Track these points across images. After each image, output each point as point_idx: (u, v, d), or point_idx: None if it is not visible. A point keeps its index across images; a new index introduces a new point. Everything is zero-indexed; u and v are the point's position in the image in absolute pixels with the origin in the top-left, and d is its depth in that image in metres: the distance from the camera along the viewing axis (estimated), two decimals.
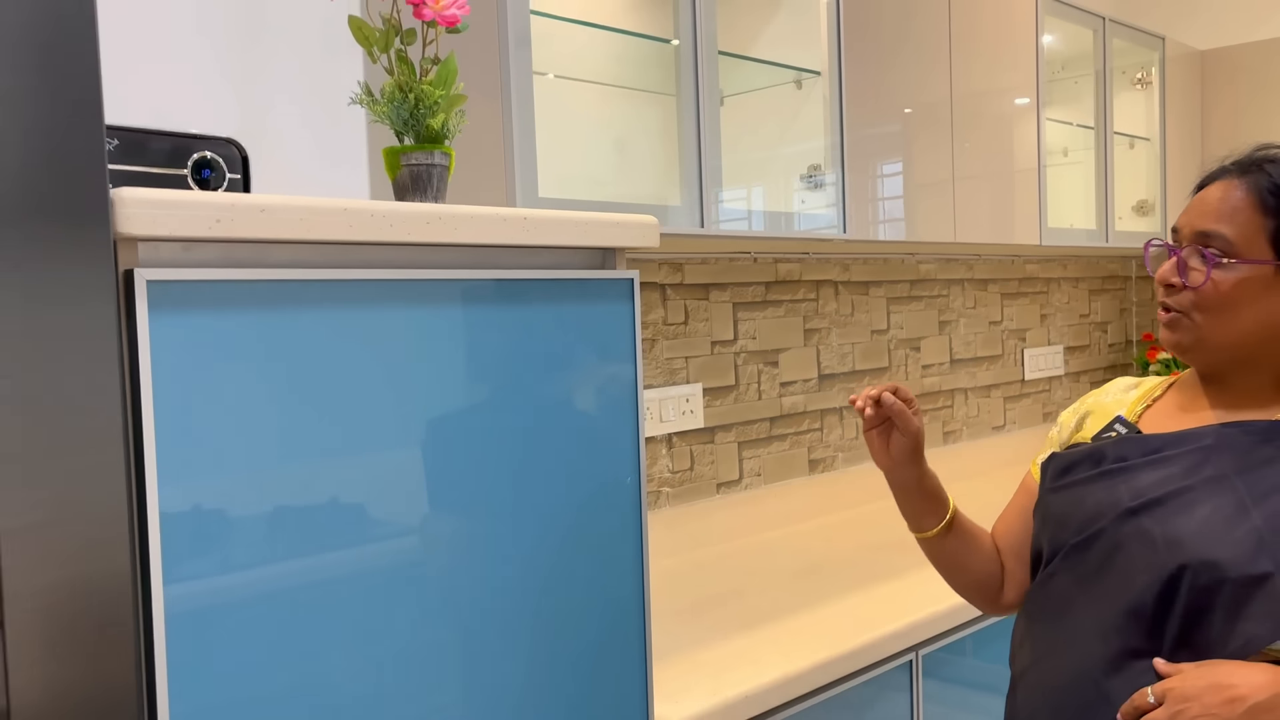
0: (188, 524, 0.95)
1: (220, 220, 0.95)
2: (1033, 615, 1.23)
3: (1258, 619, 1.05)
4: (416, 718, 1.11)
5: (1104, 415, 1.29)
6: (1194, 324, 1.15)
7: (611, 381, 1.31)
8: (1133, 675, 1.09)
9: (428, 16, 1.13)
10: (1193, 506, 1.11)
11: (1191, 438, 1.16)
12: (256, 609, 1.00)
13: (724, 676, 1.51)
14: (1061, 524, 1.20)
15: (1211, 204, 1.17)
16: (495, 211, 1.16)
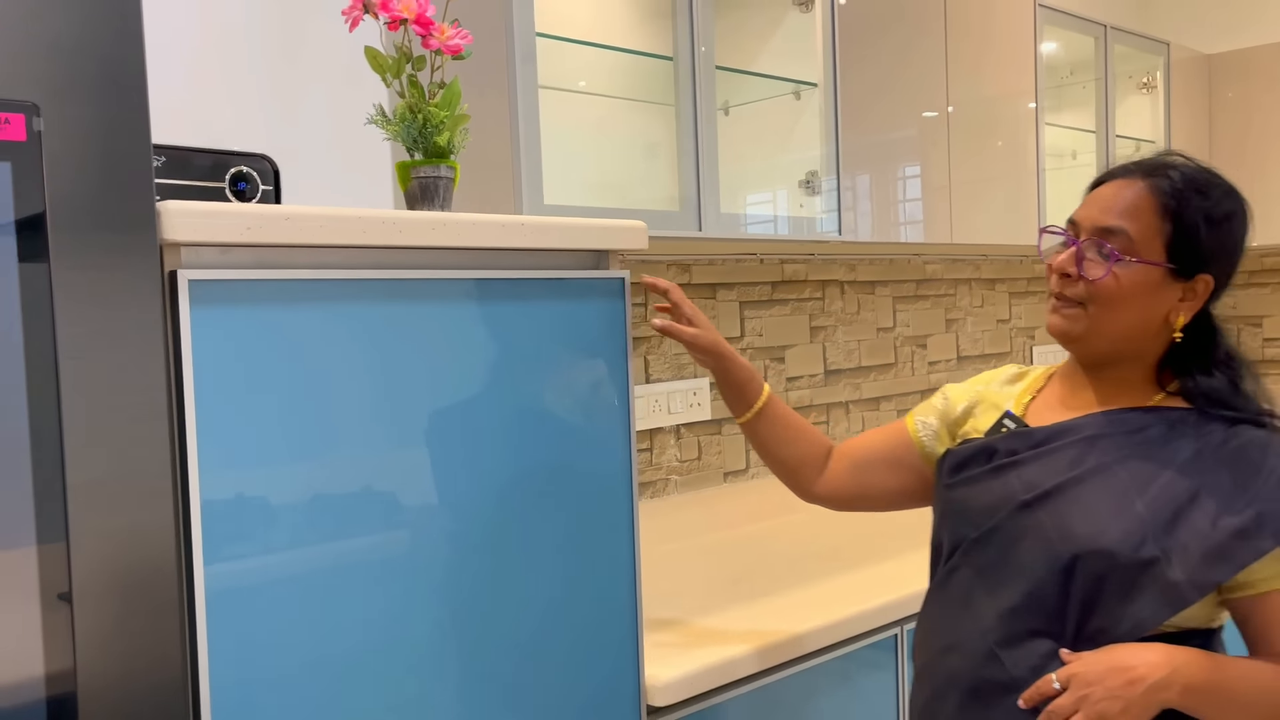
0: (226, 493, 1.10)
1: (251, 228, 1.10)
2: (937, 607, 1.32)
3: (1146, 601, 1.14)
4: (428, 683, 1.26)
5: (992, 407, 1.37)
6: (1086, 315, 1.22)
7: (604, 372, 1.45)
8: (1031, 650, 1.18)
9: (434, 46, 1.28)
10: (1081, 497, 1.20)
11: (1074, 429, 1.25)
12: (289, 588, 1.15)
13: (713, 644, 1.64)
14: (960, 518, 1.29)
15: (1115, 201, 1.23)
16: (495, 218, 1.30)
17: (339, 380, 1.19)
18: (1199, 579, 1.14)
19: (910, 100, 2.46)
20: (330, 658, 1.18)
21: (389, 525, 1.23)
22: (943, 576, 1.31)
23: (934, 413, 1.45)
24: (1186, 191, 1.24)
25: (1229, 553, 1.14)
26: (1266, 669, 1.16)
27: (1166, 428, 1.22)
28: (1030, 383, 1.39)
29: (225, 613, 1.10)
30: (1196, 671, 1.12)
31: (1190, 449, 1.20)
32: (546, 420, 1.38)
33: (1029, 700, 1.16)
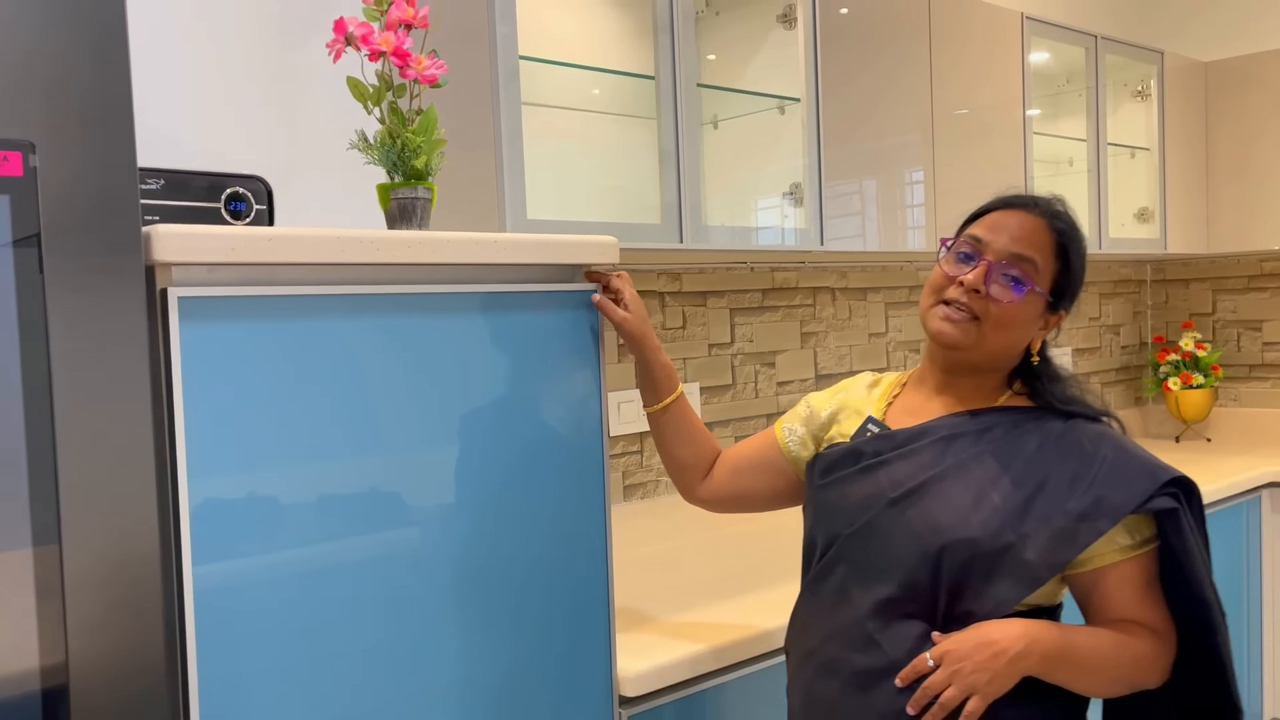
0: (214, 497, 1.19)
1: (235, 248, 1.19)
2: (814, 600, 1.41)
3: (1006, 583, 1.27)
4: (411, 679, 1.35)
5: (854, 414, 1.48)
6: (978, 329, 1.33)
7: (577, 378, 1.53)
8: (906, 634, 1.29)
9: (411, 76, 1.37)
10: (944, 492, 1.31)
11: (932, 430, 1.36)
12: (274, 589, 1.24)
13: (688, 638, 1.72)
14: (833, 517, 1.39)
15: (1026, 232, 1.34)
16: (469, 236, 1.39)
17: (323, 389, 1.28)
18: (1050, 559, 1.26)
19: (897, 112, 2.53)
20: (315, 655, 1.27)
21: (371, 528, 1.32)
22: (817, 572, 1.41)
23: (799, 420, 1.56)
24: (1072, 234, 1.37)
25: (1074, 534, 1.26)
26: (1104, 634, 1.29)
27: (1012, 425, 1.35)
28: (886, 388, 1.50)
29: (213, 611, 1.19)
30: (1049, 641, 1.24)
31: (1035, 442, 1.32)
32: (522, 425, 1.47)
33: (905, 679, 1.26)
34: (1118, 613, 1.31)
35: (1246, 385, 3.83)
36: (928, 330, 1.38)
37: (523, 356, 1.47)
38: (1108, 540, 1.29)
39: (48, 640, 1.00)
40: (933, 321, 1.36)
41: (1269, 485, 3.14)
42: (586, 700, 1.54)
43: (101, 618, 1.03)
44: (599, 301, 1.50)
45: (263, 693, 1.23)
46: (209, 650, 1.19)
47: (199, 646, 1.18)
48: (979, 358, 1.36)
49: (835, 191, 2.35)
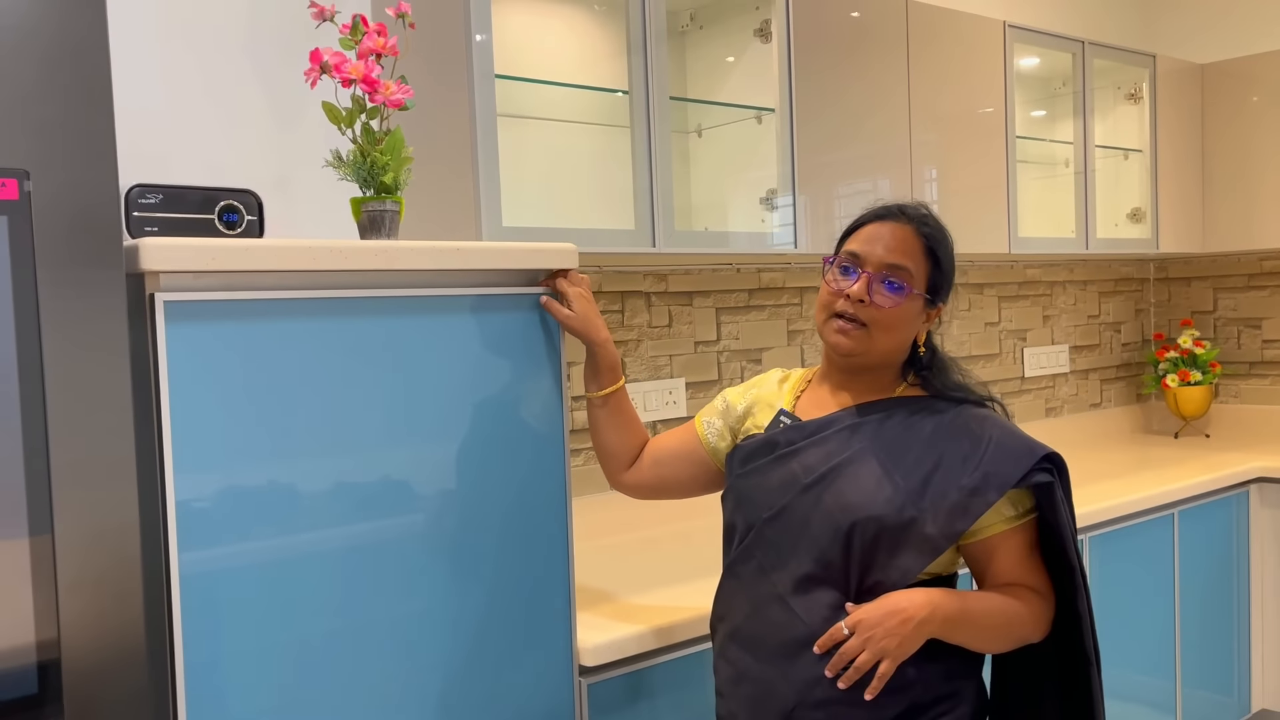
0: (198, 488, 1.35)
1: (215, 258, 1.35)
2: (735, 581, 1.54)
3: (910, 554, 1.41)
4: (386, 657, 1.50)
5: (767, 407, 1.61)
6: (868, 335, 1.47)
7: (538, 375, 1.67)
8: (823, 606, 1.42)
9: (379, 101, 1.51)
10: (853, 476, 1.45)
11: (838, 420, 1.50)
12: (255, 575, 1.39)
13: (649, 617, 1.85)
14: (752, 503, 1.53)
15: (898, 241, 1.48)
16: (431, 245, 1.53)
17: (301, 386, 1.43)
18: (947, 530, 1.41)
19: (874, 122, 2.63)
20: (292, 637, 1.42)
21: (344, 518, 1.47)
22: (738, 555, 1.54)
23: (717, 414, 1.70)
24: (938, 236, 1.51)
25: (966, 507, 1.41)
26: (995, 597, 1.44)
27: (909, 413, 1.49)
28: (795, 384, 1.64)
29: (197, 595, 1.35)
30: (949, 606, 1.39)
31: (929, 427, 1.47)
32: (488, 419, 1.61)
33: (823, 645, 1.40)
34: (1006, 577, 1.47)
35: (1246, 382, 3.88)
36: (826, 343, 1.52)
37: (488, 355, 1.61)
38: (995, 512, 1.44)
39: (42, 619, 1.15)
40: (829, 335, 1.50)
41: (1258, 480, 3.20)
42: (550, 670, 1.68)
43: (89, 599, 1.19)
44: (545, 303, 1.64)
45: (244, 670, 1.38)
46: (194, 630, 1.35)
47: (184, 627, 1.34)
48: (875, 358, 1.50)
49: (814, 198, 2.47)
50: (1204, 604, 3.06)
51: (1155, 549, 2.89)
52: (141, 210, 1.56)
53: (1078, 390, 3.83)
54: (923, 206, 1.53)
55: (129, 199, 1.54)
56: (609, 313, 2.53)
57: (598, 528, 2.49)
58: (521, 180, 2.19)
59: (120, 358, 1.18)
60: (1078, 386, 3.83)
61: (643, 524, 2.59)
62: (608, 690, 1.76)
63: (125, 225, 1.54)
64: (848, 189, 2.57)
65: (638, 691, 1.80)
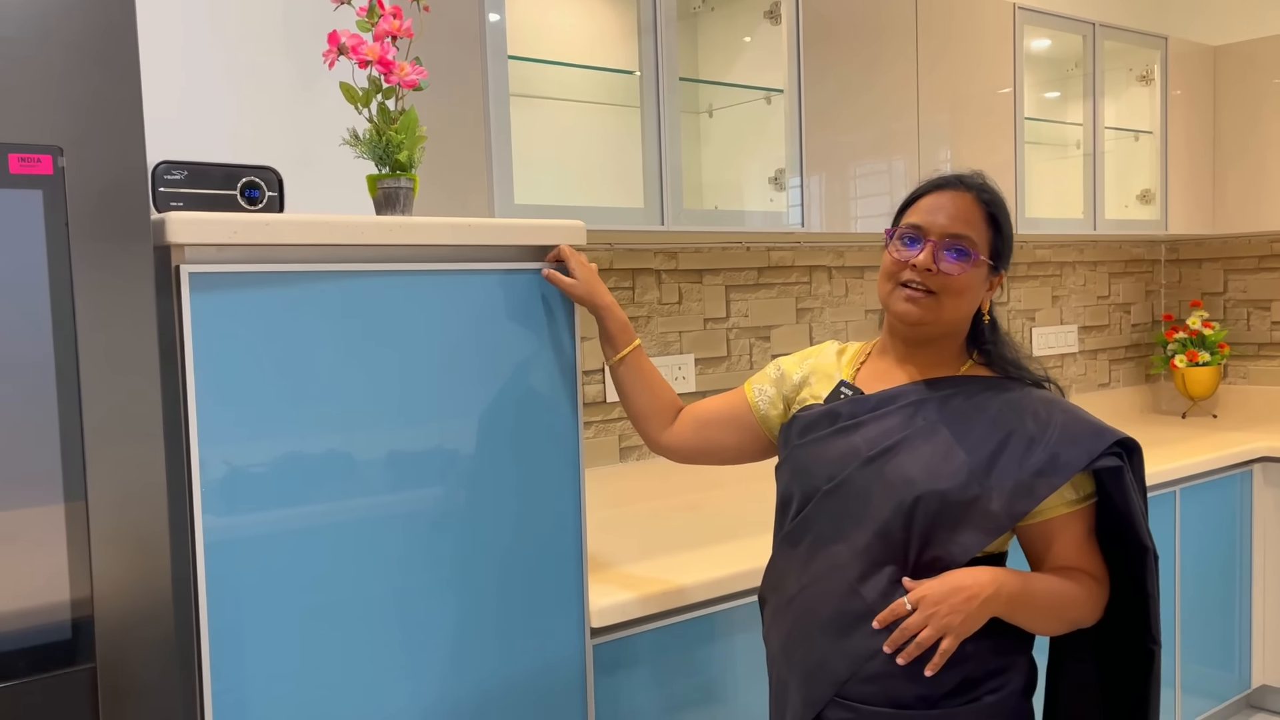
0: (223, 454, 1.42)
1: (236, 232, 1.41)
2: (791, 550, 1.54)
3: (971, 531, 1.42)
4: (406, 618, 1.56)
5: (826, 378, 1.61)
6: (938, 304, 1.46)
7: (551, 348, 1.72)
8: (881, 579, 1.44)
9: (394, 82, 1.57)
10: (916, 450, 1.45)
11: (903, 395, 1.50)
12: (273, 541, 1.45)
13: (659, 582, 1.92)
14: (811, 474, 1.52)
15: (959, 210, 1.47)
16: (445, 221, 1.59)
17: (319, 358, 1.49)
18: (1011, 510, 1.41)
19: (882, 103, 2.67)
20: (315, 602, 1.49)
21: (362, 489, 1.53)
22: (795, 526, 1.54)
23: (769, 381, 1.70)
24: (997, 202, 1.51)
25: (1032, 488, 1.41)
26: (1054, 579, 1.44)
27: (975, 390, 1.49)
28: (853, 356, 1.63)
29: (221, 560, 1.42)
30: (1013, 585, 1.40)
31: (995, 406, 1.47)
32: (501, 392, 1.67)
33: (884, 620, 1.41)
34: (1063, 560, 1.47)
35: (1255, 363, 3.90)
36: (892, 312, 1.51)
37: (501, 328, 1.66)
38: (1057, 495, 1.43)
39: (77, 579, 1.22)
40: (896, 304, 1.50)
41: (1262, 459, 3.23)
42: (561, 631, 1.75)
43: (119, 559, 1.26)
44: (548, 275, 1.68)
45: (265, 632, 1.45)
46: (218, 591, 1.42)
47: (208, 588, 1.41)
48: (942, 328, 1.49)
49: (822, 177, 2.51)
50: (1206, 581, 3.10)
51: (1159, 526, 2.94)
52: (167, 186, 1.63)
53: (1086, 370, 3.86)
54: (979, 175, 1.52)
55: (155, 175, 1.60)
56: (619, 289, 2.59)
57: (625, 494, 2.55)
58: (533, 159, 2.24)
59: (148, 327, 1.25)
60: (1086, 366, 3.86)
61: (654, 495, 2.65)
62: (615, 651, 1.82)
63: (152, 200, 1.61)
64: (857, 170, 2.61)
65: (647, 654, 1.86)
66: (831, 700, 1.45)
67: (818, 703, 1.47)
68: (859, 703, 1.43)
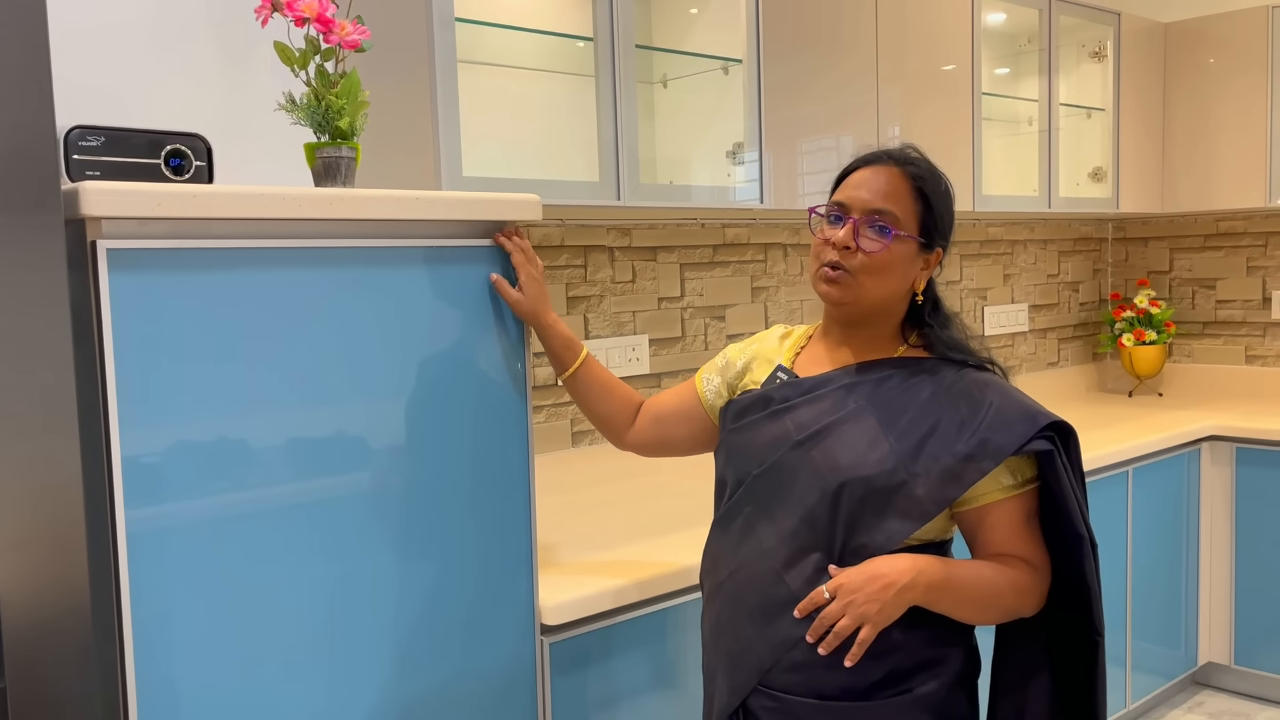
0: (145, 442, 1.30)
1: (160, 204, 1.28)
2: (723, 535, 1.51)
3: (897, 518, 1.38)
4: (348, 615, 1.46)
5: (766, 363, 1.58)
6: (859, 283, 1.43)
7: (498, 331, 1.63)
8: (806, 566, 1.40)
9: (334, 42, 1.45)
10: (845, 435, 1.41)
11: (835, 379, 1.47)
12: (202, 532, 1.34)
13: (614, 574, 1.83)
14: (743, 458, 1.49)
15: (881, 185, 1.43)
16: (388, 193, 1.48)
17: (253, 338, 1.37)
18: (938, 496, 1.38)
19: (842, 76, 2.59)
20: (247, 596, 1.38)
21: (299, 474, 1.42)
22: (727, 510, 1.51)
23: (716, 371, 1.66)
24: (929, 177, 1.46)
25: (960, 474, 1.38)
26: (985, 566, 1.41)
27: (908, 374, 1.45)
28: (795, 340, 1.60)
29: (145, 550, 1.30)
30: (933, 573, 1.36)
31: (928, 389, 1.43)
32: (447, 373, 1.57)
33: (803, 610, 1.38)
34: (999, 547, 1.43)
35: (1200, 342, 3.93)
36: (818, 293, 1.48)
37: (448, 308, 1.56)
38: (992, 479, 1.40)
39: None
40: (819, 285, 1.46)
41: (1209, 438, 3.25)
42: (510, 629, 1.66)
43: (30, 558, 1.13)
44: (495, 281, 1.59)
45: (194, 629, 1.34)
46: (142, 588, 1.30)
47: (132, 585, 1.29)
48: (867, 308, 1.45)
49: (781, 152, 2.43)
50: (1155, 560, 3.11)
51: (1111, 506, 2.93)
52: (82, 153, 1.49)
53: (1036, 349, 3.86)
54: (911, 148, 1.48)
55: (68, 141, 1.47)
56: (571, 267, 2.49)
57: (560, 484, 2.46)
58: (482, 129, 2.13)
59: (60, 307, 1.12)
60: (1036, 345, 3.86)
61: (606, 479, 2.56)
62: (570, 649, 1.74)
63: (65, 169, 1.47)
64: (813, 144, 2.54)
65: (602, 650, 1.78)
66: (755, 689, 1.42)
67: (741, 690, 1.43)
68: (783, 692, 1.40)
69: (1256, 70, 3.45)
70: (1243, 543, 3.23)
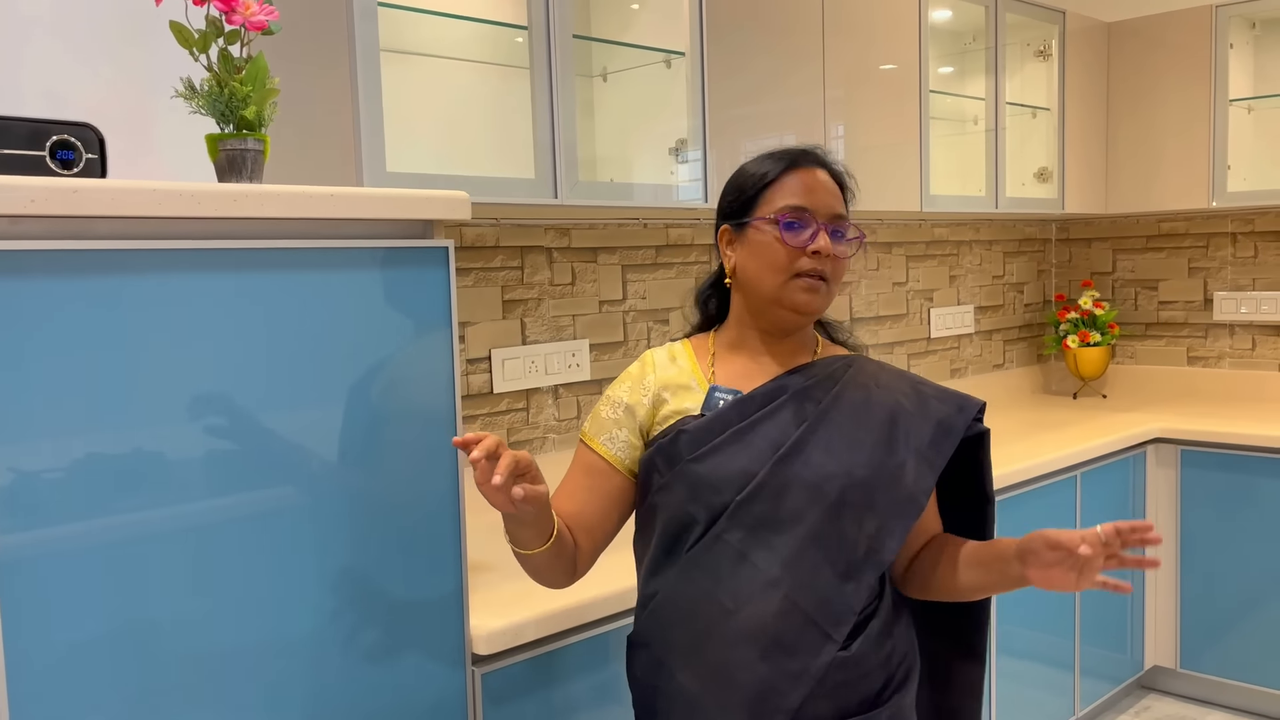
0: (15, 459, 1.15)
1: (35, 200, 1.14)
2: (700, 575, 1.34)
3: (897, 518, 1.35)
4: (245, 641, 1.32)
5: (684, 389, 1.41)
6: (830, 291, 1.38)
7: (427, 338, 1.50)
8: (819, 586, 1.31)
9: (237, 22, 1.31)
10: (822, 442, 1.33)
11: (785, 387, 1.38)
12: (76, 558, 1.20)
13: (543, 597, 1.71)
14: (713, 487, 1.33)
15: (831, 189, 1.39)
16: (301, 189, 1.35)
17: (143, 348, 1.24)
18: (923, 484, 1.36)
19: (788, 69, 2.51)
20: (139, 629, 1.24)
21: (192, 494, 1.29)
22: (702, 545, 1.34)
23: (614, 424, 1.42)
24: (846, 177, 1.44)
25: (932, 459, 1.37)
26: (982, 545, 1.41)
27: (843, 370, 1.41)
28: (690, 358, 1.44)
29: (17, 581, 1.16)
30: None
31: (870, 384, 1.40)
32: (367, 383, 1.44)
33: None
34: (929, 525, 1.47)
35: (1142, 343, 3.92)
36: (787, 305, 1.35)
37: (367, 315, 1.43)
38: None
39: None
40: (795, 295, 1.34)
41: (1154, 441, 3.22)
42: (437, 658, 1.54)
43: None
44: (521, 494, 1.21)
45: (73, 666, 1.20)
46: (14, 626, 1.15)
47: (4, 622, 1.14)
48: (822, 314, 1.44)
49: (726, 149, 2.33)
50: None
51: (1059, 511, 2.89)
52: None
53: (981, 351, 3.82)
54: (819, 148, 1.45)
55: None
56: (507, 269, 2.36)
57: None
58: (408, 123, 2.00)
59: None
60: (981, 347, 3.82)
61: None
62: (504, 679, 1.62)
63: None
64: (757, 143, 2.44)
65: (539, 679, 1.66)
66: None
67: None
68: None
69: (1199, 70, 3.44)
70: (1187, 545, 3.21)
